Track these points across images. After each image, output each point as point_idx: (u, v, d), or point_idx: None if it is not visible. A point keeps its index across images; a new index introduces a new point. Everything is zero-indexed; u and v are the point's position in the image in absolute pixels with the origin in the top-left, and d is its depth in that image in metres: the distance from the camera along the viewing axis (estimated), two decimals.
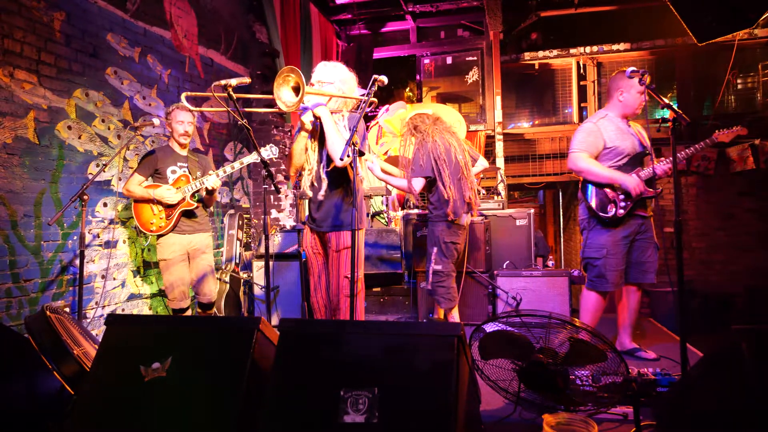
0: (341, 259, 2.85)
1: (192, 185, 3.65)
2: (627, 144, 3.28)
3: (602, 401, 2.29)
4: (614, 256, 3.28)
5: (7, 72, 3.27)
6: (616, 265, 3.29)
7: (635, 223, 3.29)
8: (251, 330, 1.87)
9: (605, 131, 3.32)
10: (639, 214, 3.29)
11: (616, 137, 3.30)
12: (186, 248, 3.74)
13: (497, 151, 6.45)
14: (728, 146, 6.16)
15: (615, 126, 3.34)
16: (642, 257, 3.32)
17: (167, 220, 3.63)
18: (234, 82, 2.47)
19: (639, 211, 3.28)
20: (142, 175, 3.64)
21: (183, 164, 3.76)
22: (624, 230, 3.29)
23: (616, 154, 3.29)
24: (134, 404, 1.84)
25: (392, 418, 1.58)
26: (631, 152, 3.27)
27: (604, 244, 3.30)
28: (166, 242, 3.66)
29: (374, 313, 4.88)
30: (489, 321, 2.38)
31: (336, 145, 2.71)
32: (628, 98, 3.29)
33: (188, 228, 3.73)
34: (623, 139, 3.29)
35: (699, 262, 6.31)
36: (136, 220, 3.64)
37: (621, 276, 3.32)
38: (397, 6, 6.94)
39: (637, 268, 3.34)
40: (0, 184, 3.22)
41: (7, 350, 2.16)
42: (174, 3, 4.80)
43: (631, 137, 3.31)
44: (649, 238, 3.33)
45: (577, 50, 6.64)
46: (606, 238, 3.30)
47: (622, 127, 3.33)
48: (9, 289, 3.27)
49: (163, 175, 3.68)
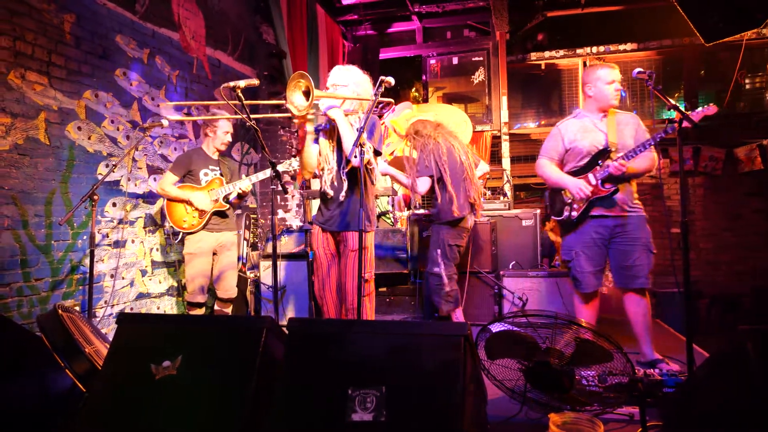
0: (356, 259, 2.88)
1: (226, 188, 3.87)
2: (585, 143, 3.18)
3: (608, 401, 2.30)
4: (584, 258, 3.22)
5: (19, 74, 3.31)
6: (588, 267, 3.22)
7: (603, 224, 3.16)
8: (260, 329, 1.89)
9: (566, 132, 3.28)
10: (604, 215, 3.14)
11: (576, 137, 3.22)
12: (213, 246, 3.94)
13: (503, 151, 6.45)
14: (737, 146, 6.14)
15: (581, 124, 3.24)
16: (626, 261, 3.14)
17: (200, 218, 3.85)
18: (242, 83, 2.49)
19: (600, 212, 3.15)
20: (175, 174, 3.87)
21: (215, 167, 3.96)
22: (592, 231, 3.19)
23: (575, 155, 3.23)
24: (145, 402, 1.86)
25: (399, 417, 1.59)
26: (589, 151, 3.16)
27: (572, 246, 3.28)
28: (195, 238, 3.86)
29: (380, 313, 4.90)
30: (495, 321, 2.40)
31: (350, 145, 2.76)
32: (596, 92, 3.18)
33: (216, 226, 3.93)
34: (583, 138, 3.19)
35: (706, 263, 6.29)
36: (168, 217, 3.84)
37: (596, 277, 3.23)
38: (403, 6, 6.95)
39: (623, 272, 3.17)
40: (11, 184, 3.26)
41: (20, 348, 2.19)
42: (182, 4, 4.83)
43: (596, 134, 3.17)
44: (631, 240, 3.13)
45: (583, 50, 6.63)
46: (573, 240, 3.28)
47: (588, 125, 3.21)
48: (20, 288, 3.31)
49: (195, 176, 3.90)
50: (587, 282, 3.24)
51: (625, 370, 2.21)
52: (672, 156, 6.26)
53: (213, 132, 3.95)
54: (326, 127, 3.02)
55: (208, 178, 3.90)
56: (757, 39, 6.09)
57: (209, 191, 3.85)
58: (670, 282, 4.31)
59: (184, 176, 3.90)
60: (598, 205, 3.16)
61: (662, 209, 6.23)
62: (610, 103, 3.17)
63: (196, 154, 3.97)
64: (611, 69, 3.18)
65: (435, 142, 3.80)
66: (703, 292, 6.10)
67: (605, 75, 3.16)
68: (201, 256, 3.86)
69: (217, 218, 3.91)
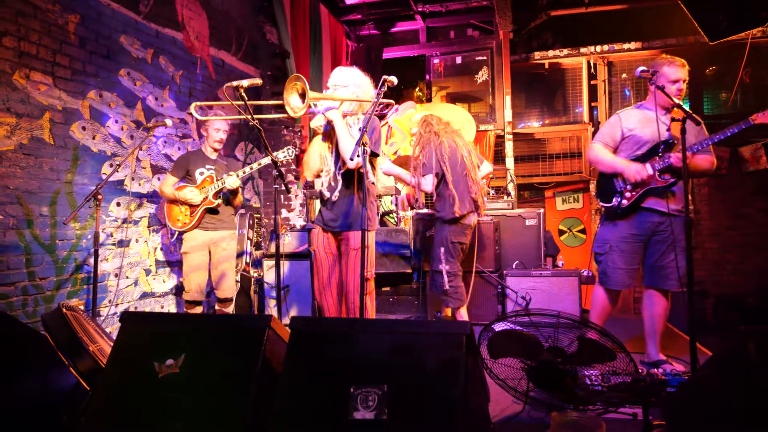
0: (357, 257, 2.90)
1: (214, 185, 3.90)
2: (647, 132, 3.08)
3: (611, 401, 2.29)
4: (618, 254, 3.15)
5: (24, 74, 3.33)
6: (621, 263, 3.15)
7: (649, 220, 3.10)
8: (263, 328, 1.89)
9: (626, 120, 3.19)
10: (653, 209, 3.07)
11: (636, 125, 3.14)
12: (208, 244, 3.99)
13: (507, 150, 6.45)
14: (742, 145, 6.11)
15: (642, 115, 3.16)
16: (662, 261, 3.10)
17: (191, 217, 3.90)
18: (245, 83, 2.50)
19: (651, 204, 3.06)
20: (174, 176, 3.96)
21: (211, 167, 4.01)
22: (633, 226, 3.13)
23: (634, 143, 3.14)
24: (148, 400, 1.87)
25: (401, 415, 1.60)
26: (651, 141, 3.06)
27: (608, 239, 3.21)
28: (190, 236, 3.94)
29: (384, 312, 4.90)
30: (498, 320, 2.39)
31: (346, 146, 2.79)
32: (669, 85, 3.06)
33: (211, 225, 3.98)
34: (644, 127, 3.10)
35: (711, 263, 6.26)
36: (166, 217, 3.96)
37: (628, 276, 3.16)
38: (406, 6, 6.94)
39: (656, 272, 3.13)
40: (16, 183, 3.28)
41: (24, 347, 2.21)
42: (186, 5, 4.85)
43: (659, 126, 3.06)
44: (672, 241, 3.06)
45: (587, 49, 6.61)
46: (610, 233, 3.21)
47: (651, 116, 3.09)
48: (25, 287, 3.33)
49: (192, 176, 3.96)
50: (617, 279, 3.17)
51: (629, 370, 2.21)
52: None
53: (206, 131, 4.02)
54: (325, 129, 3.05)
55: (202, 177, 3.96)
56: (762, 37, 6.05)
57: (200, 189, 3.90)
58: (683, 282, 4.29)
59: (183, 177, 3.97)
60: (652, 196, 3.06)
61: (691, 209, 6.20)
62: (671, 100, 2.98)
63: (195, 155, 4.04)
64: (678, 67, 3.08)
65: (438, 140, 3.82)
66: (708, 291, 6.08)
67: (670, 73, 3.06)
68: (196, 253, 3.93)
69: (210, 216, 3.97)
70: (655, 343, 3.19)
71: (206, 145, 4.04)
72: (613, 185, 3.22)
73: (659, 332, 3.19)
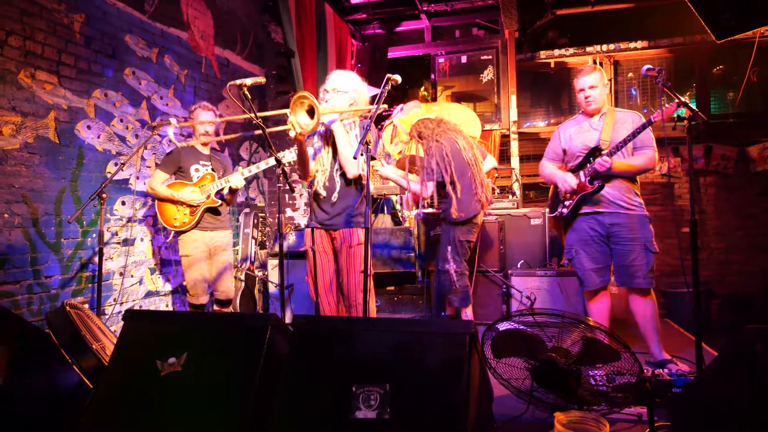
0: (355, 255, 2.91)
1: (217, 183, 3.78)
2: (577, 143, 3.25)
3: (616, 401, 2.28)
4: (583, 255, 3.25)
5: (29, 73, 3.34)
6: (587, 265, 3.24)
7: (598, 220, 3.17)
8: (265, 326, 1.89)
9: (563, 134, 3.37)
10: (594, 211, 3.17)
11: (571, 137, 3.30)
12: (208, 245, 3.86)
13: (512, 150, 6.42)
14: (748, 145, 6.07)
15: (578, 126, 3.32)
16: (624, 260, 3.12)
17: (191, 216, 3.74)
18: (249, 81, 2.50)
19: (588, 208, 3.19)
20: (165, 172, 3.75)
21: (206, 163, 3.88)
22: (587, 228, 3.22)
23: (571, 156, 3.31)
24: (150, 398, 1.87)
25: (403, 414, 1.59)
26: (582, 150, 3.21)
27: (572, 244, 3.32)
28: (189, 238, 3.76)
29: (388, 312, 4.89)
30: (502, 320, 2.38)
31: (348, 157, 2.87)
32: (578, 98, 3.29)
33: (210, 225, 3.85)
34: (576, 138, 3.26)
35: (717, 263, 6.22)
36: (159, 217, 3.74)
37: (598, 275, 3.23)
38: (412, 5, 6.93)
39: (622, 271, 3.16)
40: (22, 182, 3.29)
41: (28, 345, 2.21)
42: (191, 4, 4.85)
43: (590, 134, 3.21)
44: (629, 239, 3.10)
45: (593, 48, 6.58)
46: (572, 238, 3.33)
47: (585, 126, 3.27)
48: (30, 286, 3.34)
49: (186, 173, 3.80)
50: (589, 279, 3.26)
51: (633, 370, 2.19)
52: (683, 154, 6.20)
53: (193, 126, 3.88)
54: (321, 131, 3.07)
55: (199, 174, 3.82)
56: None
57: (200, 187, 3.77)
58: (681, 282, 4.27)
59: (174, 173, 3.80)
60: (586, 203, 3.21)
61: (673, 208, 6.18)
62: (585, 109, 3.27)
63: (186, 150, 3.85)
64: (582, 77, 3.23)
65: (437, 143, 3.77)
66: (714, 292, 6.03)
67: (576, 84, 3.27)
68: (199, 257, 3.78)
69: (210, 216, 3.83)
70: (657, 343, 3.18)
71: (194, 139, 3.89)
72: (558, 196, 3.41)
73: (657, 331, 3.17)
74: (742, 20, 4.21)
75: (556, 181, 3.31)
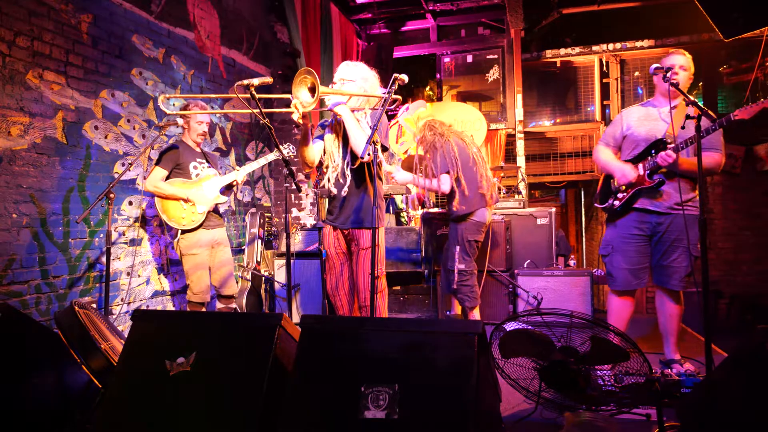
0: (368, 256, 2.88)
1: (224, 178, 3.83)
2: (642, 131, 3.05)
3: (624, 401, 2.27)
4: (620, 254, 3.12)
5: (37, 73, 3.35)
6: (623, 264, 3.11)
7: (643, 220, 3.06)
8: (273, 326, 1.89)
9: (627, 118, 3.17)
10: (645, 209, 3.04)
11: (635, 124, 3.10)
12: (211, 243, 3.88)
13: (518, 149, 6.41)
14: (756, 144, 6.03)
15: (644, 112, 3.12)
16: (664, 260, 3.05)
17: (200, 214, 3.74)
18: (256, 81, 2.50)
19: (643, 204, 3.04)
20: (165, 169, 3.71)
21: (202, 160, 3.89)
22: (631, 227, 3.10)
23: (630, 142, 3.12)
24: (159, 397, 1.88)
25: (412, 415, 1.59)
26: (646, 139, 3.02)
27: (610, 241, 3.20)
28: (193, 236, 3.75)
29: (395, 312, 4.90)
30: (510, 320, 2.38)
31: (359, 140, 2.76)
32: (657, 81, 3.08)
33: (213, 223, 3.88)
34: (641, 126, 3.07)
35: (725, 263, 6.18)
36: (164, 215, 3.69)
37: (633, 275, 3.11)
38: (417, 5, 6.93)
39: (659, 271, 3.09)
40: (30, 182, 3.31)
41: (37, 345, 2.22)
42: (197, 4, 4.86)
43: (657, 123, 3.03)
44: (674, 240, 3.01)
45: (599, 47, 6.55)
46: (612, 234, 3.20)
47: (653, 113, 3.08)
48: (38, 285, 3.35)
49: (185, 170, 3.78)
50: (621, 279, 3.14)
51: (642, 370, 2.18)
52: None
53: (187, 124, 3.84)
54: (332, 122, 3.02)
55: (197, 171, 3.81)
56: None
57: (205, 185, 3.77)
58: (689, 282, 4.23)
59: (171, 170, 3.75)
60: (643, 197, 3.05)
61: None
62: (661, 90, 3.06)
63: (183, 147, 3.82)
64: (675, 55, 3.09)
65: (446, 140, 3.81)
66: (722, 292, 6.00)
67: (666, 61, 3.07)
68: (202, 253, 3.80)
69: (212, 215, 3.85)
70: (670, 344, 3.16)
71: (188, 137, 3.87)
72: (609, 186, 3.23)
73: (673, 333, 3.15)
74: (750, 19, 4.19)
75: (614, 172, 3.12)
